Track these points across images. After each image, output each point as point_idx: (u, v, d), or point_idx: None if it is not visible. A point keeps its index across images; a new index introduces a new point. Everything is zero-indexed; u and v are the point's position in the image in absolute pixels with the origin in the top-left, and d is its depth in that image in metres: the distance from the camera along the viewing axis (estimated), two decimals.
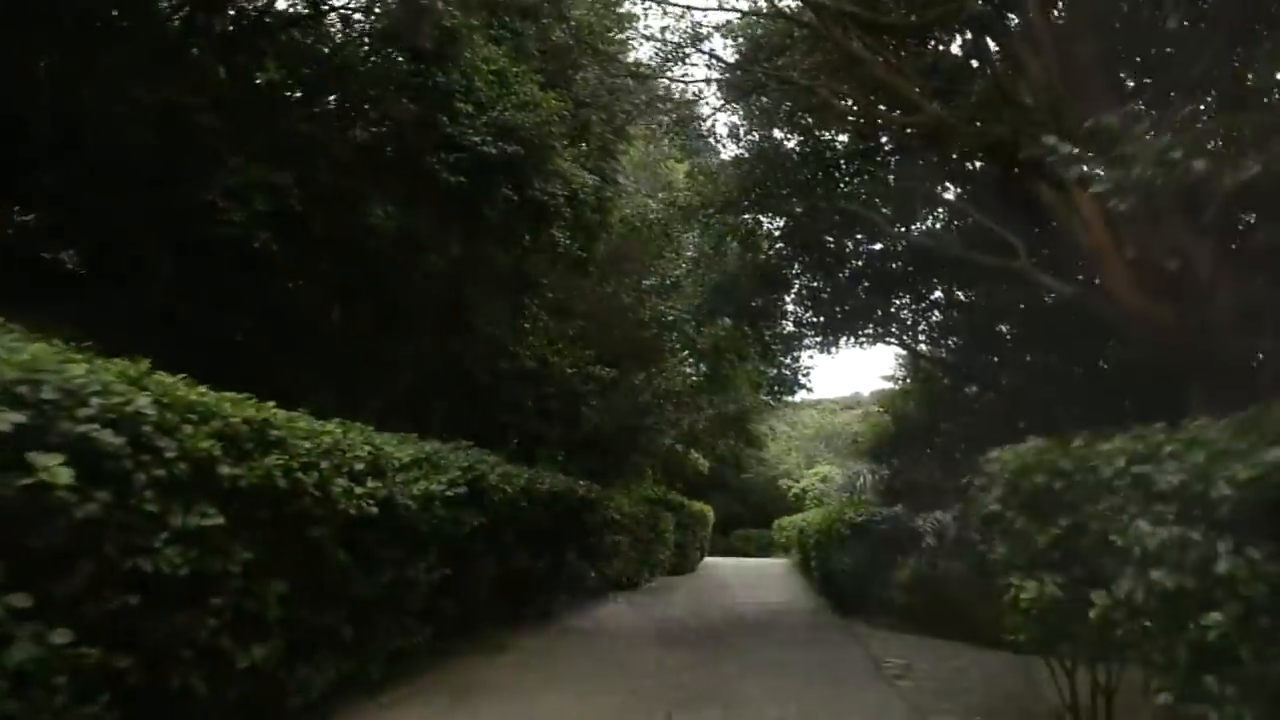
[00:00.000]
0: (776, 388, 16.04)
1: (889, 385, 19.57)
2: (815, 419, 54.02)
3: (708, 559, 31.79)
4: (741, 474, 47.99)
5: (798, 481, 44.82)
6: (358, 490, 5.29)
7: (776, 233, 14.57)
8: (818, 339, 15.90)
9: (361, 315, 12.63)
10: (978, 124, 8.12)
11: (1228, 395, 4.57)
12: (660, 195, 14.87)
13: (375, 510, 5.48)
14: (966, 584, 17.85)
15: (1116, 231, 6.84)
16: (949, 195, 12.50)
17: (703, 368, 17.71)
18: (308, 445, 4.95)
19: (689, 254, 14.40)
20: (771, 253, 14.65)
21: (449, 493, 6.83)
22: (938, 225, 12.64)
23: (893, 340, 15.74)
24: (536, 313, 12.46)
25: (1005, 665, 8.09)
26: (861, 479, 34.73)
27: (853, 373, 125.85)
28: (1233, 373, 6.47)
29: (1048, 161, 5.70)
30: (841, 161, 13.22)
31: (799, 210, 13.84)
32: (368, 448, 5.75)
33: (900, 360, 18.44)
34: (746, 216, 14.12)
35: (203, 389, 4.43)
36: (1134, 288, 6.77)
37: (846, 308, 14.72)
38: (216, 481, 4.18)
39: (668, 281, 16.23)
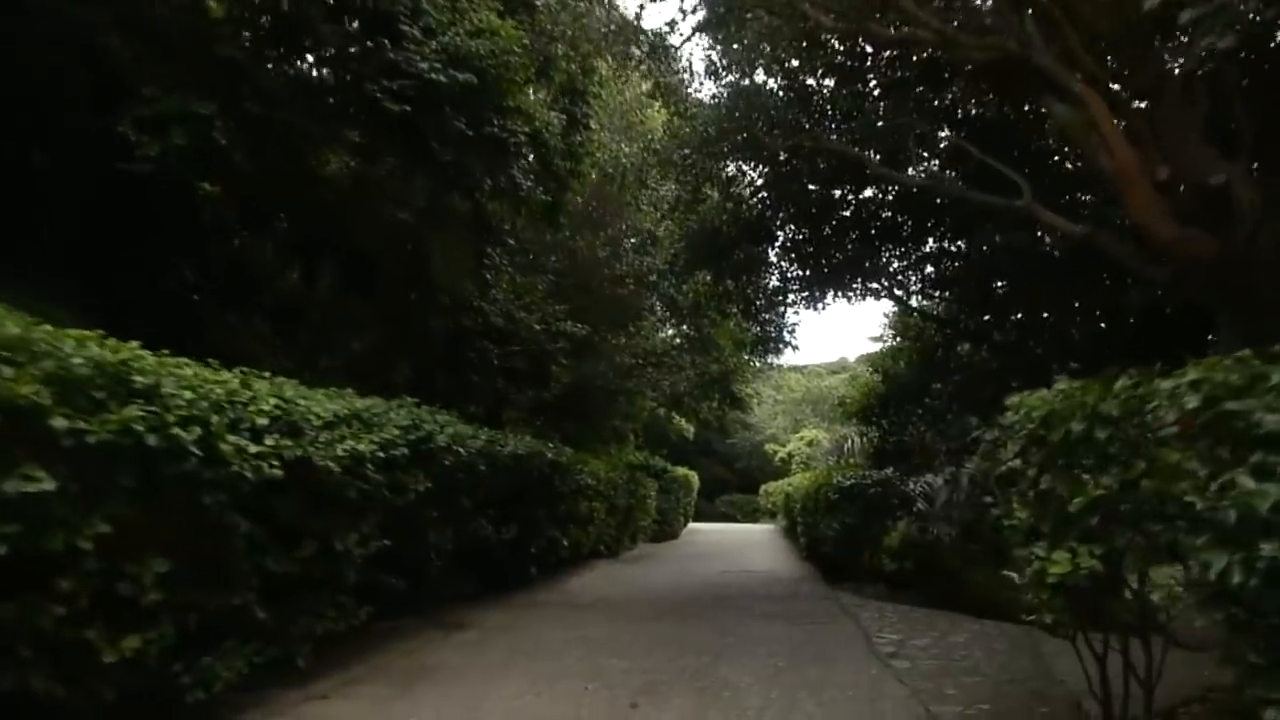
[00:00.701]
0: (761, 346, 15.21)
1: (877, 346, 18.81)
2: (801, 383, 53.45)
3: (692, 525, 31.24)
4: (727, 439, 47.48)
5: (784, 446, 44.28)
6: (253, 449, 4.43)
7: (759, 181, 13.66)
8: (804, 294, 15.07)
9: (323, 274, 11.72)
10: (983, 38, 7.21)
11: (1264, 332, 3.70)
12: (637, 144, 13.91)
13: (279, 473, 4.62)
14: (957, 550, 17.26)
15: (1143, 151, 6.01)
16: (944, 136, 11.61)
17: (685, 328, 16.87)
18: (189, 396, 4.09)
19: (666, 206, 13.43)
20: (755, 202, 13.76)
21: (384, 454, 5.99)
22: (934, 167, 11.73)
23: (883, 294, 14.92)
24: (500, 264, 11.55)
25: (1009, 641, 7.39)
26: (849, 442, 34.21)
27: (838, 337, 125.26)
28: (1272, 308, 5.68)
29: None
30: (828, 107, 12.33)
31: (782, 157, 12.97)
32: (274, 401, 4.89)
33: (889, 318, 17.67)
34: (728, 164, 13.21)
35: (49, 327, 3.58)
36: (1163, 214, 5.96)
37: (836, 258, 13.87)
38: (49, 438, 3.33)
39: (645, 235, 15.32)
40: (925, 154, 10.94)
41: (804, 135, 11.14)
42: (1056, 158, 10.50)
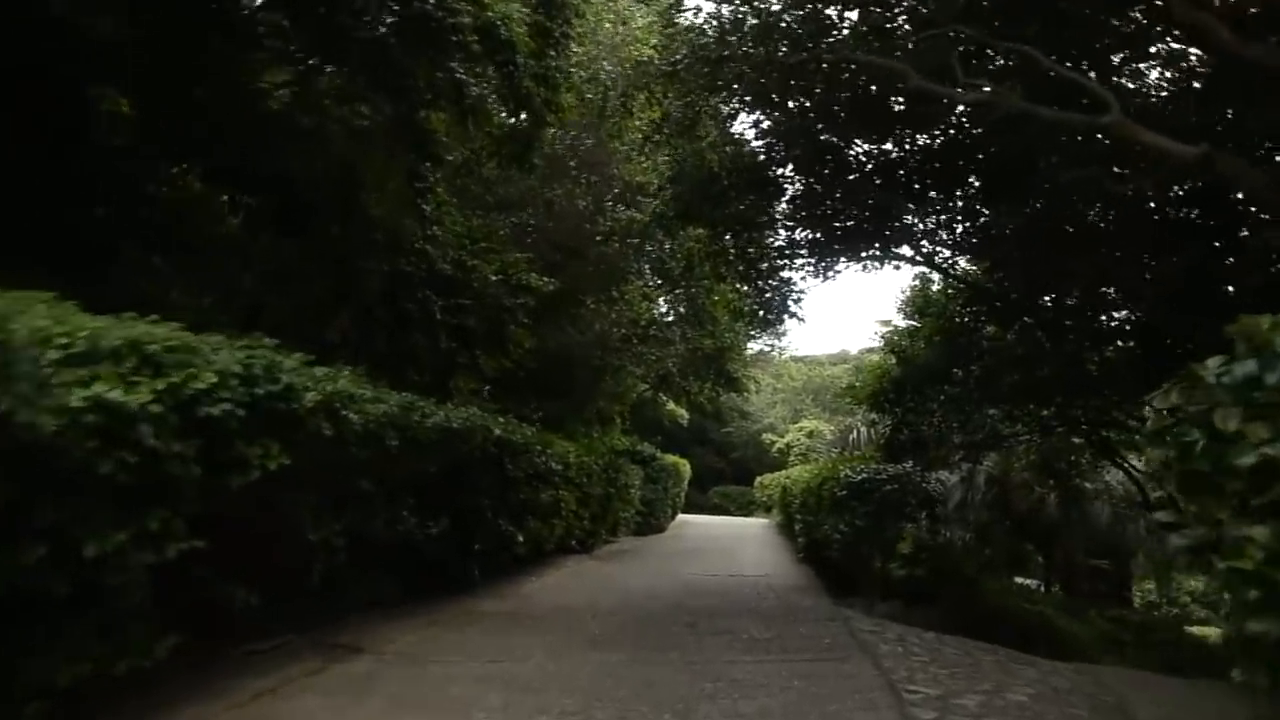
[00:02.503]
0: (761, 315, 13.10)
1: (888, 327, 16.70)
2: (802, 371, 51.40)
3: (682, 517, 29.28)
4: (723, 427, 45.49)
5: (782, 436, 42.24)
6: None
7: (766, 124, 11.56)
8: (812, 259, 13.01)
9: (263, 219, 9.69)
10: None
11: None
12: (626, 66, 11.74)
13: None
14: (972, 555, 15.10)
15: None
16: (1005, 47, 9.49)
17: (676, 293, 14.78)
18: None
19: (657, 136, 11.30)
20: (759, 146, 11.69)
21: (186, 412, 3.96)
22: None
23: (904, 261, 12.84)
24: (442, 194, 9.49)
25: (1089, 700, 5.42)
26: (855, 433, 32.23)
27: (839, 330, 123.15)
28: None
29: None
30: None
31: (792, 105, 10.94)
32: None
33: (908, 292, 15.59)
34: (727, 99, 11.13)
35: None
36: None
37: (852, 215, 11.82)
38: None
39: (631, 187, 13.23)
40: (976, 72, 8.78)
41: (821, 51, 9.05)
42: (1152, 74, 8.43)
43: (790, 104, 11.06)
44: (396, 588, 8.06)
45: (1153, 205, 8.77)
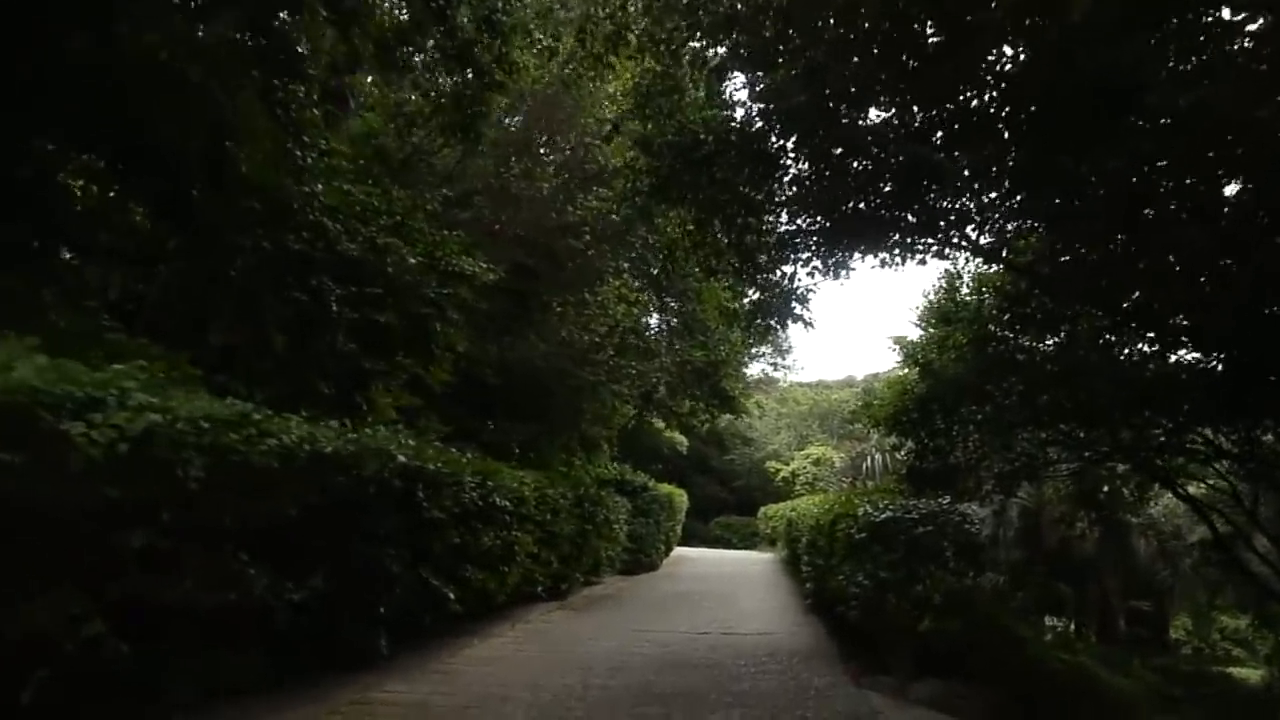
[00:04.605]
0: (760, 318, 10.79)
1: (911, 335, 14.45)
2: (808, 395, 49.08)
3: (679, 551, 26.93)
4: (725, 455, 43.19)
5: (787, 464, 39.83)
6: None
7: (760, 87, 9.45)
8: (820, 252, 10.81)
9: (141, 191, 7.59)
10: None
11: None
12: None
13: None
14: (1004, 599, 12.98)
15: None
16: None
17: (659, 298, 12.58)
18: None
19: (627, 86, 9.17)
20: (754, 114, 9.61)
21: None
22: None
23: (931, 249, 10.60)
24: (337, 146, 7.37)
25: None
26: (869, 460, 29.84)
27: (845, 355, 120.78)
28: None
29: None
30: None
31: (795, 73, 8.86)
32: None
33: (933, 292, 13.42)
34: (715, 52, 9.06)
35: None
36: None
37: (870, 197, 9.66)
38: None
39: (603, 163, 11.08)
40: None
41: None
42: None
43: (791, 63, 8.98)
44: (257, 668, 5.89)
45: None
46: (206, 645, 5.27)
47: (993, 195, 9.57)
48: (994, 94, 8.30)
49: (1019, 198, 8.81)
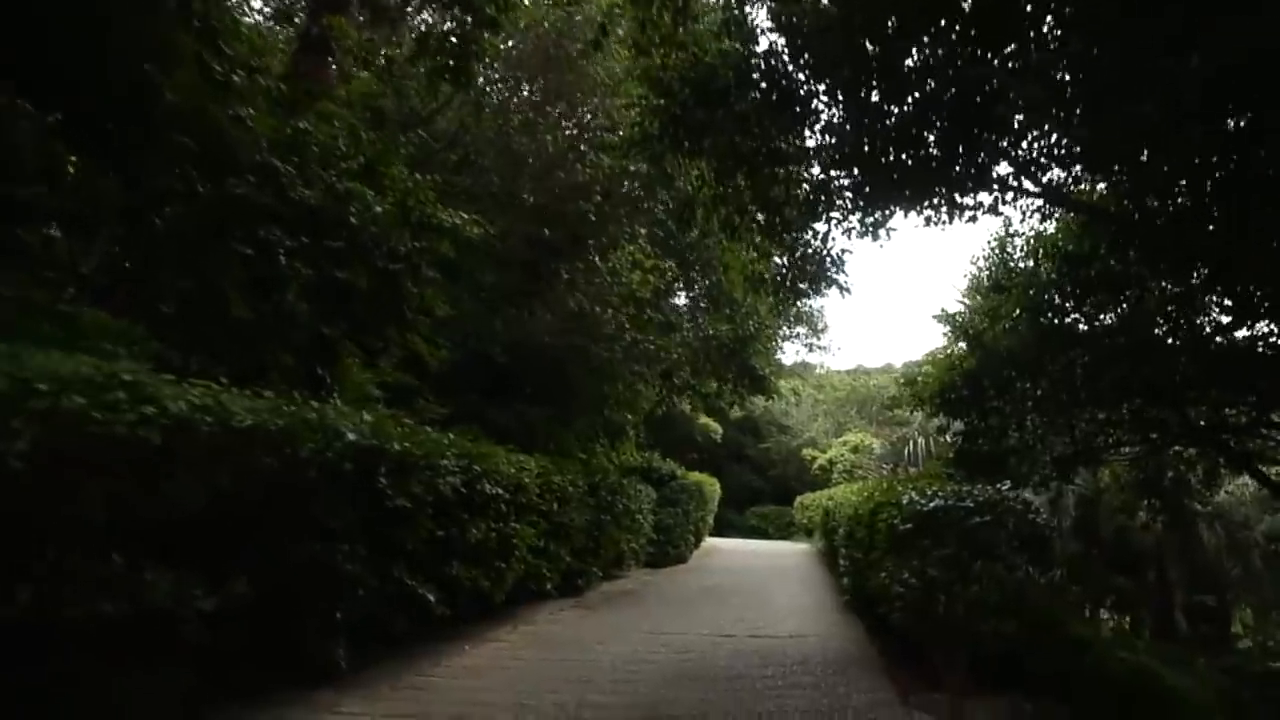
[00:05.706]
0: (792, 281, 9.49)
1: (956, 306, 13.08)
2: (846, 382, 47.51)
3: (711, 541, 25.83)
4: (760, 443, 41.86)
5: (824, 452, 38.39)
6: None
7: (786, 21, 8.22)
8: (858, 208, 9.53)
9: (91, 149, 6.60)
10: None
11: None
12: None
13: None
14: (1060, 594, 11.91)
15: None
16: None
17: (674, 265, 11.39)
18: None
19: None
20: (782, 52, 8.39)
21: None
22: None
23: (981, 206, 9.28)
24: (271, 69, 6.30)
25: None
26: (911, 445, 28.35)
27: (885, 341, 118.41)
28: None
29: None
30: None
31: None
32: None
33: (984, 255, 12.09)
34: None
35: None
36: None
37: (910, 149, 8.39)
38: None
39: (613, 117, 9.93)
40: None
41: None
42: None
43: None
44: (177, 690, 4.90)
45: None
46: (115, 668, 4.32)
47: (1057, 137, 8.25)
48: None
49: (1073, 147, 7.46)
